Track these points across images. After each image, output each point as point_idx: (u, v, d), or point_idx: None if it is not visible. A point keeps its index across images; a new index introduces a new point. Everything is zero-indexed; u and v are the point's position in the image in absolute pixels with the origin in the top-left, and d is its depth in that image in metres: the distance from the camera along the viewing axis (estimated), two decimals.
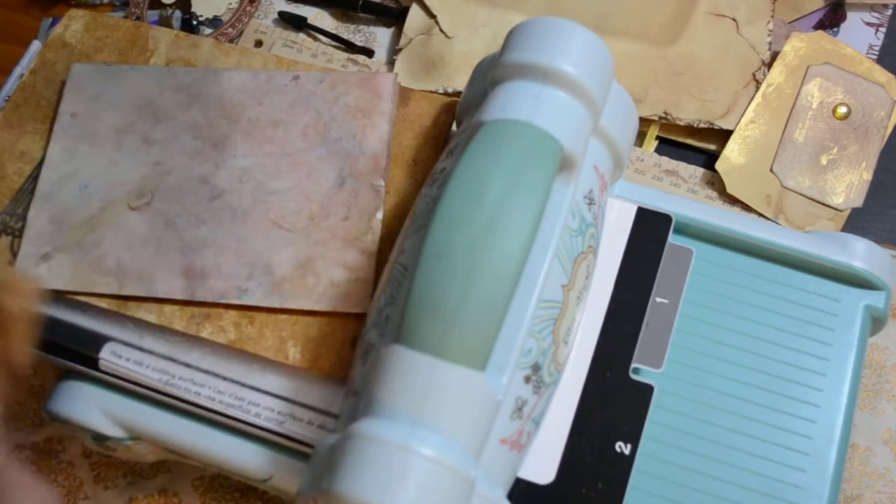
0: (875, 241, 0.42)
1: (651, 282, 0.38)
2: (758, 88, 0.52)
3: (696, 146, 0.53)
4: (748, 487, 0.38)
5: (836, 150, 0.51)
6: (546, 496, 0.35)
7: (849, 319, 0.41)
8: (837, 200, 0.50)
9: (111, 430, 0.39)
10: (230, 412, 0.37)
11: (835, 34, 0.55)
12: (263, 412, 0.37)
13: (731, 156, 0.51)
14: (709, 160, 0.52)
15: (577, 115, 0.34)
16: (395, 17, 0.56)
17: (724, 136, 0.52)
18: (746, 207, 0.50)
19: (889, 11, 0.56)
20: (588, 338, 0.37)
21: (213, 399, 0.37)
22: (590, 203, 0.35)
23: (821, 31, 0.53)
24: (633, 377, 0.37)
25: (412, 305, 0.29)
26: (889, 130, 0.52)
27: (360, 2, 0.55)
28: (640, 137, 0.52)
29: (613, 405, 0.36)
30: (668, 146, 0.53)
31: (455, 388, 0.29)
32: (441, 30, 0.54)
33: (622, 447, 0.36)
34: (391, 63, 0.54)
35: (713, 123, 0.51)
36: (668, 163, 0.52)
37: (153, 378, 0.38)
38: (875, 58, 0.55)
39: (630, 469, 0.35)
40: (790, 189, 0.50)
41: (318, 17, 0.56)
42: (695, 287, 0.40)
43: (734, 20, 0.53)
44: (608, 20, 0.53)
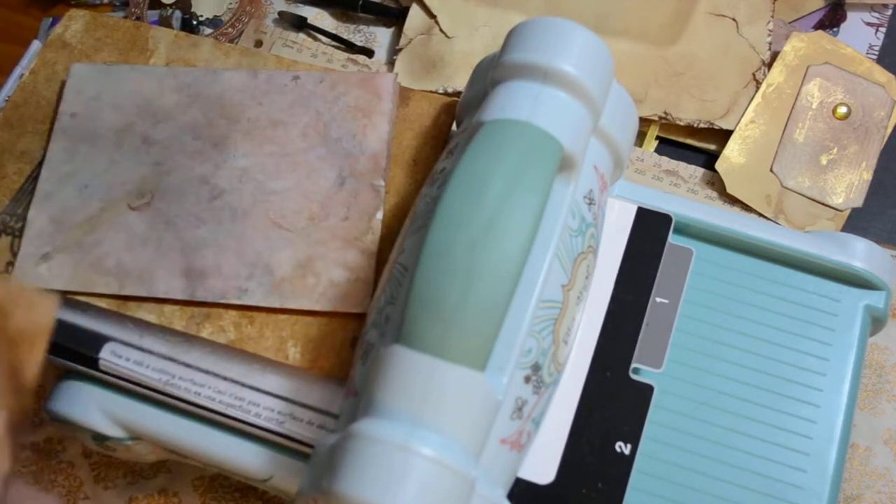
0: (875, 241, 0.42)
1: (651, 282, 0.38)
2: (758, 88, 0.52)
3: (696, 146, 0.53)
4: (748, 487, 0.38)
5: (836, 150, 0.51)
6: (546, 496, 0.35)
7: (849, 319, 0.41)
8: (837, 200, 0.50)
9: (111, 430, 0.39)
10: (230, 412, 0.37)
11: (835, 34, 0.55)
12: (263, 412, 0.37)
13: (731, 156, 0.51)
14: (709, 160, 0.52)
15: (577, 115, 0.34)
16: (395, 17, 0.56)
17: (724, 136, 0.52)
18: (746, 207, 0.50)
19: (889, 11, 0.56)
20: (588, 338, 0.37)
21: (213, 399, 0.37)
22: (590, 203, 0.35)
23: (821, 31, 0.53)
24: (633, 377, 0.37)
25: (412, 305, 0.29)
26: (889, 130, 0.52)
27: (360, 2, 0.55)
28: (640, 137, 0.52)
29: (613, 405, 0.36)
30: (668, 146, 0.53)
31: (455, 388, 0.29)
32: (441, 30, 0.54)
33: (622, 447, 0.36)
34: (391, 63, 0.54)
35: (713, 123, 0.51)
36: (668, 163, 0.52)
37: (153, 378, 0.38)
38: (875, 58, 0.55)
39: (630, 469, 0.35)
40: (790, 189, 0.50)
41: (318, 17, 0.56)
42: (695, 287, 0.40)
43: (734, 20, 0.53)
44: (608, 20, 0.53)
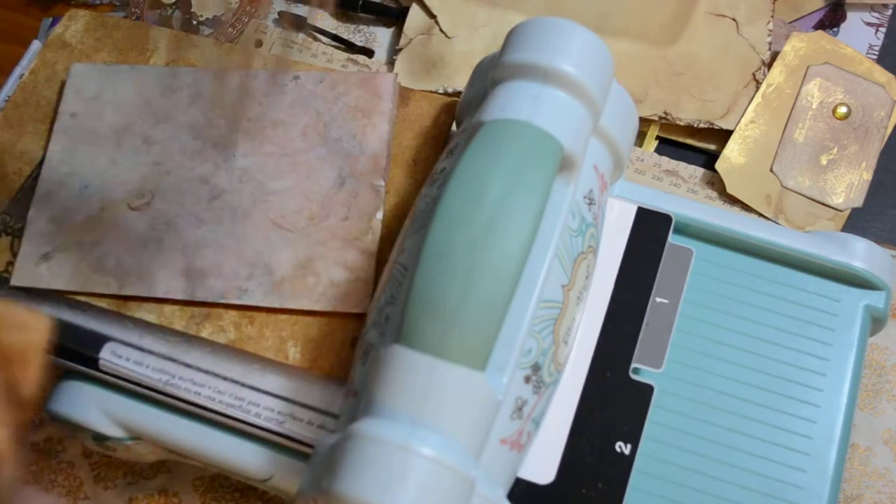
0: (875, 241, 0.42)
1: (651, 282, 0.38)
2: (758, 88, 0.52)
3: (696, 146, 0.53)
4: (748, 487, 0.38)
5: (836, 150, 0.51)
6: (546, 496, 0.35)
7: (849, 319, 0.40)
8: (837, 200, 0.50)
9: (111, 430, 0.39)
10: (230, 412, 0.37)
11: (835, 34, 0.55)
12: (263, 412, 0.37)
13: (731, 156, 0.51)
14: (709, 160, 0.52)
15: (577, 115, 0.34)
16: (395, 17, 0.55)
17: (724, 136, 0.52)
18: (746, 207, 0.50)
19: (889, 11, 0.56)
20: (588, 338, 0.37)
21: (213, 399, 0.37)
22: (590, 203, 0.35)
23: (821, 31, 0.53)
24: (633, 377, 0.37)
25: (412, 305, 0.29)
26: (889, 130, 0.52)
27: (360, 2, 0.55)
28: (640, 137, 0.52)
29: (613, 405, 0.36)
30: (668, 146, 0.53)
31: (455, 388, 0.29)
32: (441, 30, 0.54)
33: (622, 447, 0.36)
34: (391, 63, 0.54)
35: (713, 123, 0.51)
36: (668, 163, 0.52)
37: (153, 378, 0.38)
38: (875, 58, 0.55)
39: (630, 469, 0.35)
40: (790, 189, 0.50)
41: (319, 17, 0.56)
42: (695, 287, 0.40)
43: (734, 20, 0.53)
44: (608, 20, 0.53)
